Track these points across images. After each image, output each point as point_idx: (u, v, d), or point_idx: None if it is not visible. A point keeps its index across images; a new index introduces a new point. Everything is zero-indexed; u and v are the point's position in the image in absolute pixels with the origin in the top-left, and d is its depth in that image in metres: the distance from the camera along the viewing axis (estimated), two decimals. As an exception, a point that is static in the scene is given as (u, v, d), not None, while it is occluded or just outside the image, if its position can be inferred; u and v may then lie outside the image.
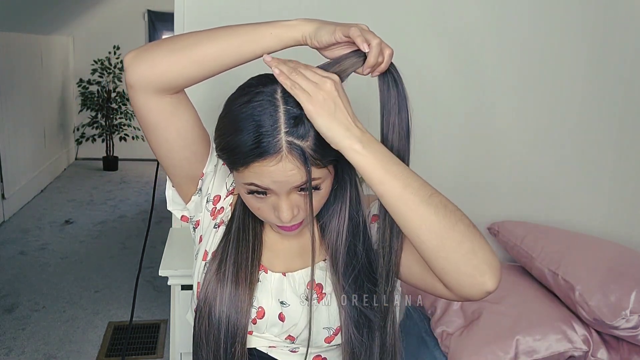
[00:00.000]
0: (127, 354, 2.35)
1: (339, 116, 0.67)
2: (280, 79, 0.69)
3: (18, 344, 2.37)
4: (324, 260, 0.84)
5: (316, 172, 0.71)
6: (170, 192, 0.89)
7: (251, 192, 0.74)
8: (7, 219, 3.88)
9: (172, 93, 0.74)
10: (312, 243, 0.78)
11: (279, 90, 0.70)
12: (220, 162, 0.86)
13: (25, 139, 4.32)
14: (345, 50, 0.72)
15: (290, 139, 0.68)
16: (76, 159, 5.84)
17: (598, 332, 1.43)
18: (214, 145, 0.79)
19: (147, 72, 0.71)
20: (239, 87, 0.76)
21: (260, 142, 0.68)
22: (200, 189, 0.86)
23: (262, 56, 0.72)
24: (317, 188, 0.73)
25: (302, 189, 0.73)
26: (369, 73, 0.72)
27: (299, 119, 0.68)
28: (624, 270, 1.44)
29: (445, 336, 1.49)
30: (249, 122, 0.69)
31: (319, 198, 0.75)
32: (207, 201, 0.88)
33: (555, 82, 1.75)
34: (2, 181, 3.80)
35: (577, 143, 1.80)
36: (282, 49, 0.72)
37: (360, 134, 0.67)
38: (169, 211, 0.94)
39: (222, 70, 0.73)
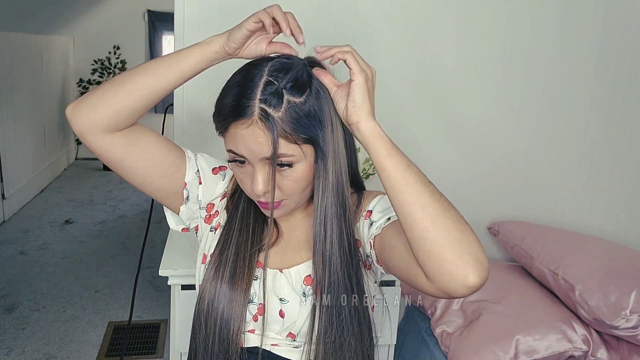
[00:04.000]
0: (127, 354, 2.35)
1: (370, 98, 0.74)
2: (347, 56, 0.74)
3: (18, 343, 2.37)
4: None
5: (287, 147, 0.73)
6: (168, 213, 0.92)
7: (232, 161, 0.78)
8: (7, 219, 3.88)
9: (121, 129, 0.78)
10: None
11: (269, 65, 0.75)
12: (202, 167, 0.88)
13: (25, 139, 4.32)
14: (261, 44, 0.79)
15: (262, 105, 0.72)
16: (76, 159, 5.84)
17: (598, 332, 1.43)
18: (191, 155, 0.86)
19: (90, 115, 0.76)
20: None
21: (237, 104, 0.73)
22: (188, 198, 0.87)
23: (189, 77, 0.79)
24: (289, 165, 0.75)
25: (277, 164, 0.74)
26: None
27: (275, 90, 0.72)
28: (624, 270, 1.44)
29: (445, 336, 1.49)
30: (234, 87, 0.74)
31: (292, 180, 0.76)
32: (199, 208, 0.89)
33: (556, 83, 1.75)
34: (2, 181, 3.80)
35: (577, 143, 1.81)
36: (206, 67, 0.80)
37: (375, 119, 0.74)
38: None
39: (159, 96, 0.78)
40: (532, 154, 1.79)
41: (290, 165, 0.75)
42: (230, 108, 0.73)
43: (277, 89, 0.72)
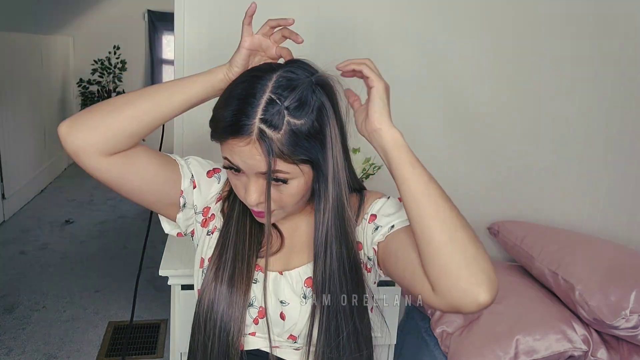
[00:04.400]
0: (127, 354, 2.35)
1: (388, 106, 0.75)
2: (362, 67, 0.75)
3: (18, 343, 2.37)
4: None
5: (284, 166, 0.72)
6: (163, 218, 0.91)
7: (227, 167, 0.77)
8: (7, 219, 3.88)
9: (118, 152, 0.77)
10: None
11: (274, 79, 0.72)
12: (196, 172, 0.87)
13: (25, 139, 4.32)
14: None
15: (262, 126, 0.70)
16: (76, 159, 5.83)
17: (598, 332, 1.43)
18: (182, 162, 0.85)
19: (88, 136, 0.74)
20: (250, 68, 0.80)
21: (236, 121, 0.71)
22: (185, 205, 0.87)
23: (192, 105, 0.79)
24: (284, 181, 0.74)
25: (272, 179, 0.74)
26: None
27: (277, 111, 0.70)
28: (624, 270, 1.44)
29: (445, 336, 1.49)
30: (235, 100, 0.72)
31: (288, 194, 0.76)
32: (195, 213, 0.89)
33: (555, 82, 1.75)
34: (2, 181, 3.80)
35: (578, 143, 1.81)
36: (211, 96, 0.79)
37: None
38: None
39: (160, 122, 0.78)
40: (532, 154, 1.79)
41: (285, 181, 0.74)
42: (229, 123, 0.71)
43: (279, 109, 0.70)
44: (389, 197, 0.86)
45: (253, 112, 0.70)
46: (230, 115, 0.71)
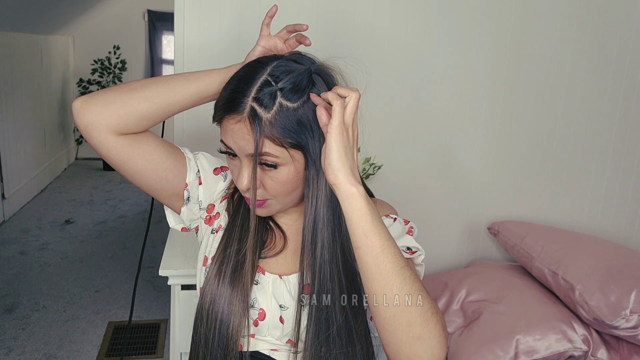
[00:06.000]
0: (127, 353, 2.35)
1: (349, 154, 0.70)
2: (336, 103, 0.70)
3: (18, 343, 2.37)
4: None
5: (273, 148, 0.72)
6: (168, 212, 0.92)
7: (223, 152, 0.78)
8: (7, 219, 3.88)
9: (127, 133, 0.78)
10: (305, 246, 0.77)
11: (274, 64, 0.75)
12: (203, 167, 0.88)
13: (25, 139, 4.32)
14: None
15: (254, 104, 0.71)
16: (76, 158, 5.84)
17: (598, 332, 1.43)
18: (190, 156, 0.86)
19: (101, 111, 0.76)
20: None
21: (231, 99, 0.73)
22: (189, 199, 0.87)
23: (205, 98, 0.81)
24: (274, 167, 0.74)
25: (261, 163, 0.74)
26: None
27: (270, 91, 0.71)
28: (624, 270, 1.44)
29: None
30: (235, 80, 0.75)
31: (279, 182, 0.75)
32: (200, 209, 0.89)
33: (555, 83, 1.75)
34: (2, 181, 3.80)
35: (577, 143, 1.81)
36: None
37: (359, 180, 0.70)
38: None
39: (172, 109, 0.79)
40: (532, 154, 1.79)
41: (274, 166, 0.74)
42: (225, 101, 0.74)
43: (272, 90, 0.71)
44: (395, 219, 0.85)
45: (248, 90, 0.72)
46: (228, 93, 0.74)
